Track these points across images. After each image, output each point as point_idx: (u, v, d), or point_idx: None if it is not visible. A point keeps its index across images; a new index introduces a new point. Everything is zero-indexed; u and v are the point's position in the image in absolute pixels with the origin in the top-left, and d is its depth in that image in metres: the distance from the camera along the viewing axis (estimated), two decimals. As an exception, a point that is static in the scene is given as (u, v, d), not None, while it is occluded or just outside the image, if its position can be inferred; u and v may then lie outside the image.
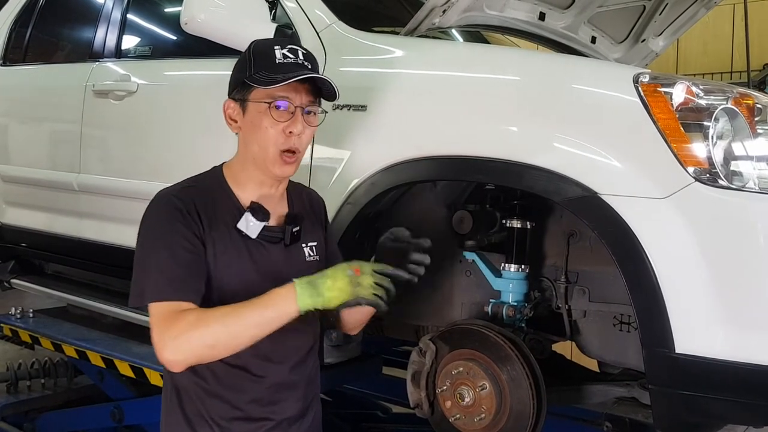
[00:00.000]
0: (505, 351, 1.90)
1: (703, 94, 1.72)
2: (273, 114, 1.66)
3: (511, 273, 2.10)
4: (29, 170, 3.38)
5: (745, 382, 1.60)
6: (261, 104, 1.66)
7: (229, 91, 1.74)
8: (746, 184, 1.66)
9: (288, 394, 1.77)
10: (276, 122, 1.66)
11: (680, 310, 1.63)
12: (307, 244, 1.80)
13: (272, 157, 1.68)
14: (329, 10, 2.42)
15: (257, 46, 1.72)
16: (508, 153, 1.86)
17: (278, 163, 1.69)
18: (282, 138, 1.67)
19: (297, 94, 1.67)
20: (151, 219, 1.66)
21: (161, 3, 3.42)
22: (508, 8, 2.51)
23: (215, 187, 1.74)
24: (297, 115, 1.68)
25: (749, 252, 1.62)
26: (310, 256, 1.80)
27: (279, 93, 1.66)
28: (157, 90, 2.90)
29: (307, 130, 1.70)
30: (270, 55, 1.66)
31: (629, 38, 3.08)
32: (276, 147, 1.67)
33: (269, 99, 1.66)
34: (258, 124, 1.67)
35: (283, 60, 1.66)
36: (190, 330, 1.53)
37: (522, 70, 2.01)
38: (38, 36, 3.68)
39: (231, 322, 1.54)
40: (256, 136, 1.68)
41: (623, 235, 1.69)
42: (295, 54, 1.68)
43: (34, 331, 3.33)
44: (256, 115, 1.68)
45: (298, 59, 1.68)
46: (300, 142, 1.70)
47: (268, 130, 1.66)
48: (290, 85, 1.64)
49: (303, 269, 1.72)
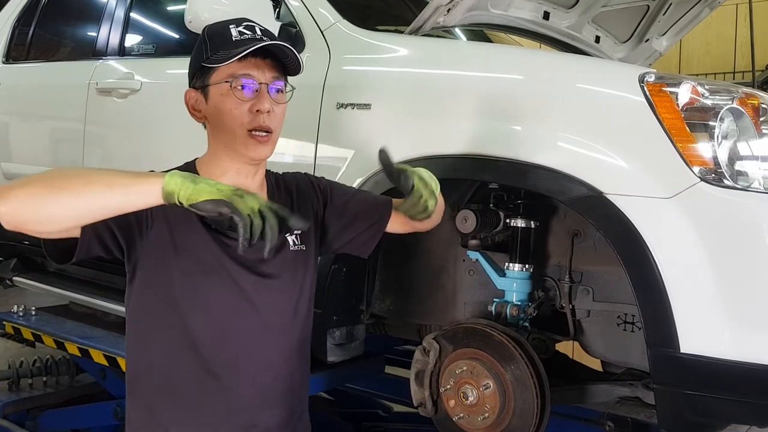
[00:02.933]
0: (509, 350, 1.90)
1: (709, 94, 1.72)
2: (236, 94, 1.56)
3: (514, 272, 2.10)
4: (32, 168, 3.38)
5: (750, 382, 1.60)
6: (222, 85, 1.57)
7: (189, 80, 1.65)
8: (751, 184, 1.66)
9: (261, 405, 1.67)
10: (240, 102, 1.56)
11: (685, 310, 1.63)
12: (292, 233, 1.71)
13: (242, 139, 1.58)
14: (333, 8, 2.42)
15: (211, 27, 1.63)
16: (513, 152, 1.86)
17: (250, 143, 1.58)
18: (249, 117, 1.57)
19: (259, 71, 1.58)
20: None
21: (164, 1, 3.42)
22: (512, 7, 2.51)
23: None
24: (262, 91, 1.58)
25: (754, 252, 1.62)
26: (295, 245, 1.71)
27: (240, 71, 1.56)
28: (160, 88, 2.90)
29: (276, 108, 1.60)
30: (225, 33, 1.58)
31: (633, 38, 3.07)
32: (243, 127, 1.57)
33: (230, 78, 1.56)
34: (222, 107, 1.57)
35: (239, 37, 1.57)
36: (31, 180, 1.37)
37: (527, 69, 2.01)
38: (41, 33, 3.67)
39: (76, 179, 1.37)
40: (221, 120, 1.58)
41: (628, 234, 1.69)
42: (251, 30, 1.59)
43: (37, 328, 3.32)
44: (219, 99, 1.58)
45: (256, 35, 1.58)
46: (271, 121, 1.59)
47: (232, 111, 1.57)
48: (251, 61, 1.56)
49: (287, 260, 1.67)
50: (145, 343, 1.65)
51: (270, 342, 1.67)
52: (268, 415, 1.68)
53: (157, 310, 1.62)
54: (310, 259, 1.76)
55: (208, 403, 1.62)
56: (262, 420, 1.67)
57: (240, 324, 1.63)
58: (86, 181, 1.37)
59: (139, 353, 1.68)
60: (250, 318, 1.64)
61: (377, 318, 2.47)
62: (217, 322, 1.62)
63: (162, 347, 1.62)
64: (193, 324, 1.60)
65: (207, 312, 1.61)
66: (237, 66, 1.56)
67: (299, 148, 2.22)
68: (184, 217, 1.55)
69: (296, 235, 1.72)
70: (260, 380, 1.66)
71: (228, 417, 1.63)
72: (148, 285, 1.61)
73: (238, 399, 1.64)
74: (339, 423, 3.29)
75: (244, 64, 1.56)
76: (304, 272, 1.74)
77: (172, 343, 1.61)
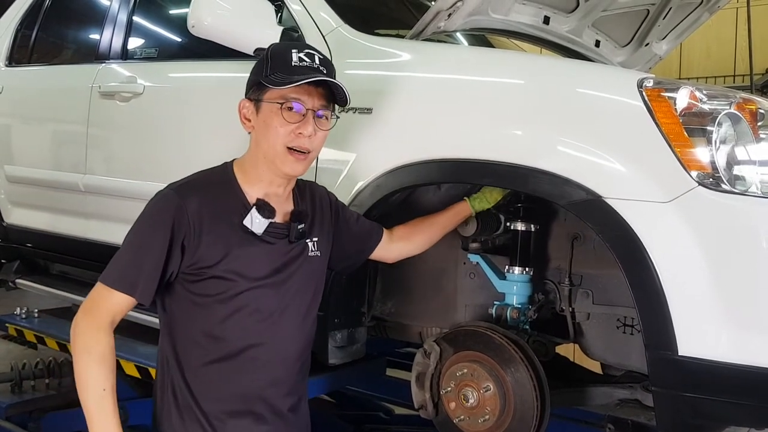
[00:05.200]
0: (509, 353, 1.91)
1: (707, 99, 1.73)
2: (284, 115, 1.71)
3: (515, 275, 2.11)
4: (35, 171, 3.39)
5: (748, 385, 1.61)
6: (274, 104, 1.71)
7: (246, 91, 1.78)
8: (749, 189, 1.67)
9: (277, 390, 1.82)
10: (286, 123, 1.71)
11: (683, 313, 1.64)
12: (311, 239, 1.86)
13: (281, 154, 1.73)
14: (335, 13, 2.43)
15: (275, 48, 1.77)
16: (513, 156, 1.87)
17: (287, 160, 1.74)
18: (291, 137, 1.72)
19: (310, 97, 1.72)
20: (144, 211, 1.75)
21: (167, 5, 3.43)
22: (513, 12, 2.51)
23: (224, 182, 1.79)
24: (308, 117, 1.73)
25: (752, 255, 1.63)
26: (312, 251, 1.86)
27: (292, 95, 1.71)
28: (163, 92, 2.91)
29: (318, 133, 1.75)
30: (286, 57, 1.72)
31: (633, 42, 3.08)
32: (283, 144, 1.72)
33: (282, 100, 1.71)
34: (269, 123, 1.72)
35: (299, 63, 1.71)
36: (75, 345, 1.69)
37: (527, 74, 2.02)
38: (44, 37, 3.69)
39: (79, 377, 1.66)
40: (266, 134, 1.73)
41: (627, 238, 1.70)
42: (311, 58, 1.73)
43: (40, 330, 3.34)
44: (268, 115, 1.73)
45: (314, 63, 1.73)
46: (311, 143, 1.74)
47: (278, 129, 1.72)
48: (303, 87, 1.70)
49: (304, 263, 1.82)
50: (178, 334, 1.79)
51: (285, 339, 1.81)
52: (280, 401, 1.83)
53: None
54: (323, 266, 1.92)
55: (233, 385, 1.77)
56: (275, 404, 1.82)
57: (264, 320, 1.78)
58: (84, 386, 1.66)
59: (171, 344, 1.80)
60: (273, 316, 1.79)
61: (378, 320, 2.48)
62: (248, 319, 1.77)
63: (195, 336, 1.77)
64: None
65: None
66: (290, 90, 1.70)
67: (301, 152, 2.23)
68: (224, 232, 1.73)
69: (314, 242, 1.86)
70: (274, 374, 1.81)
71: (246, 402, 1.78)
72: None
73: (256, 386, 1.79)
74: (340, 425, 3.30)
75: (297, 89, 1.70)
76: (318, 278, 1.89)
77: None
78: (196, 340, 1.76)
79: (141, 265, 1.69)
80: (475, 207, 2.11)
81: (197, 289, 1.73)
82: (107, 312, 1.70)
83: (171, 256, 1.69)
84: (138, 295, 1.69)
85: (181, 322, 1.77)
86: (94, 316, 1.69)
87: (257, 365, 1.78)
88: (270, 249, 1.78)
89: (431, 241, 2.14)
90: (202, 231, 1.70)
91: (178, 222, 1.68)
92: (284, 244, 1.80)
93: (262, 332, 1.77)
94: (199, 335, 1.75)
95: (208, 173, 1.82)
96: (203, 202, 1.72)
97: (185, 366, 1.76)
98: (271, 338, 1.78)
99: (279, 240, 1.79)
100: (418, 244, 2.13)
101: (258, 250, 1.76)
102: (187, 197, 1.71)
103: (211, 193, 1.75)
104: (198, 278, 1.72)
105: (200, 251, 1.70)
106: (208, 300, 1.73)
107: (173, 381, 1.78)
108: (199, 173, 1.82)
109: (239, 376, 1.77)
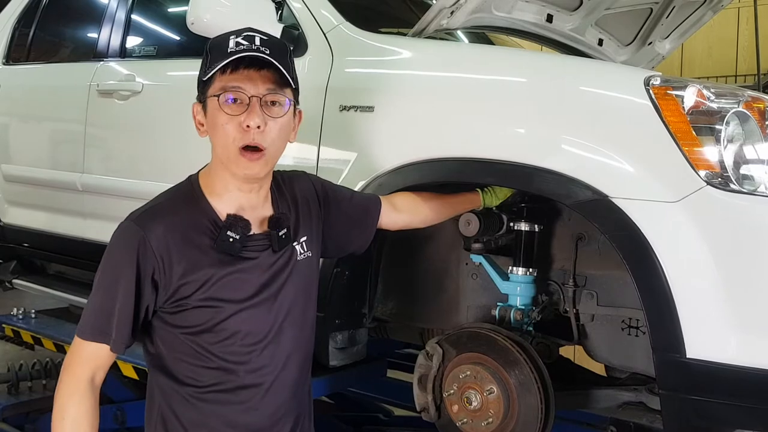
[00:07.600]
0: (513, 355, 1.89)
1: (715, 97, 1.71)
2: (225, 108, 1.51)
3: (518, 276, 2.09)
4: (32, 170, 3.37)
5: (756, 388, 1.59)
6: (215, 99, 1.53)
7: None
8: (757, 188, 1.65)
9: (284, 419, 1.70)
10: (230, 117, 1.51)
11: (691, 315, 1.62)
12: (299, 241, 1.70)
13: (233, 156, 1.53)
14: (336, 10, 2.41)
15: (213, 40, 1.58)
16: (518, 155, 1.85)
17: (241, 161, 1.53)
18: (240, 133, 1.52)
19: (252, 83, 1.52)
20: (107, 253, 1.59)
21: (166, 3, 3.41)
22: (516, 10, 2.50)
23: (189, 200, 1.61)
24: (253, 105, 1.51)
25: (760, 256, 1.61)
26: (302, 253, 1.70)
27: (230, 84, 1.51)
28: (162, 90, 2.89)
29: (270, 123, 1.54)
30: (223, 45, 1.52)
31: (636, 41, 3.07)
32: (234, 144, 1.52)
33: (221, 91, 1.52)
34: (216, 122, 1.54)
35: (235, 48, 1.50)
36: (55, 406, 1.60)
37: (531, 72, 2.00)
38: (42, 35, 3.66)
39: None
40: (216, 135, 1.55)
41: (634, 238, 1.67)
42: (250, 40, 1.52)
43: (36, 331, 3.32)
44: (213, 113, 1.54)
45: (253, 45, 1.51)
46: (263, 138, 1.53)
47: (225, 126, 1.52)
48: (242, 73, 1.51)
49: (294, 270, 1.67)
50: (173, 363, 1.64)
51: (285, 359, 1.68)
52: (281, 424, 1.69)
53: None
54: (315, 265, 1.78)
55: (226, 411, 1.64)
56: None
57: (260, 342, 1.64)
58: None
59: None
60: (269, 336, 1.65)
61: (379, 321, 2.46)
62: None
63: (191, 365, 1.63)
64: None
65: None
66: (229, 78, 1.51)
67: (302, 150, 2.21)
68: (198, 259, 1.57)
69: (302, 243, 1.72)
70: (277, 401, 1.67)
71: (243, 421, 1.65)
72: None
73: (256, 414, 1.66)
74: (339, 426, 3.28)
75: (236, 77, 1.51)
76: (311, 281, 1.76)
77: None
78: (188, 373, 1.60)
79: (110, 310, 1.54)
80: (485, 201, 2.04)
81: (180, 321, 1.58)
82: (86, 367, 1.57)
83: (141, 295, 1.54)
84: (112, 342, 1.55)
85: (170, 357, 1.61)
86: (73, 374, 1.58)
87: (258, 392, 1.64)
88: (253, 265, 1.60)
89: (437, 219, 2.03)
90: (172, 261, 1.53)
91: (143, 256, 1.52)
92: (268, 255, 1.62)
93: (258, 356, 1.62)
94: (191, 367, 1.60)
95: (172, 193, 1.64)
96: (168, 229, 1.54)
97: (177, 397, 1.62)
98: (270, 360, 1.64)
99: (262, 252, 1.62)
100: (424, 217, 2.01)
101: (239, 269, 1.58)
102: (149, 227, 1.53)
103: (177, 216, 1.57)
104: (179, 309, 1.57)
105: (174, 283, 1.54)
106: (195, 329, 1.58)
107: (162, 412, 1.65)
108: (162, 195, 1.64)
109: (237, 405, 1.63)
